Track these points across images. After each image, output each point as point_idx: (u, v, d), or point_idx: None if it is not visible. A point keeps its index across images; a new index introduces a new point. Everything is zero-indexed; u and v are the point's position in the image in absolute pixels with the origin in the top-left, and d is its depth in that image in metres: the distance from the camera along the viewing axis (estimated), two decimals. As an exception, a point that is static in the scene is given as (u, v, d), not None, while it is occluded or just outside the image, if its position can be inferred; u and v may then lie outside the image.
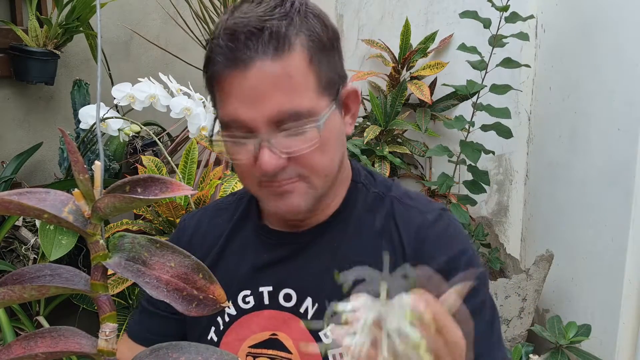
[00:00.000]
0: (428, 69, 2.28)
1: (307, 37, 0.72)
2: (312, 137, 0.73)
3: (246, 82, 0.70)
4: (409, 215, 0.82)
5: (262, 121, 0.71)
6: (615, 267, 1.76)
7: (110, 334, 0.35)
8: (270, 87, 0.70)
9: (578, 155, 1.92)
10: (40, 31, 1.86)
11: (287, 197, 0.76)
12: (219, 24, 0.73)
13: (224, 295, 0.37)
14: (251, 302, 0.84)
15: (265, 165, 0.71)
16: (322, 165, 0.76)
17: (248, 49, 0.69)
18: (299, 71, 0.71)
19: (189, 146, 1.58)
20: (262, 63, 0.69)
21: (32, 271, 0.35)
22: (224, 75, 0.71)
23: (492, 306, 0.82)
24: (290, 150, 0.72)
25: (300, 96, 0.71)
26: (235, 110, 0.71)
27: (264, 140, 0.71)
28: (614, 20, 1.76)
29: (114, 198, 0.33)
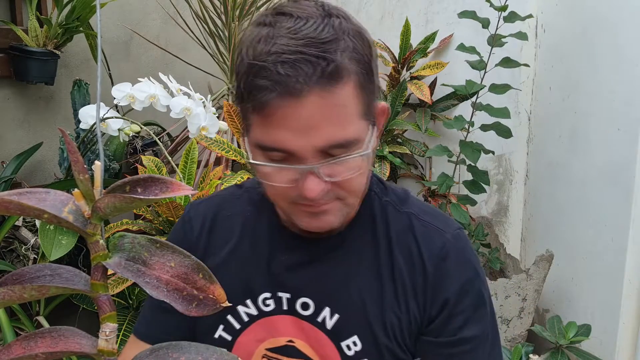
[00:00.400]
0: (428, 69, 2.28)
1: (357, 62, 0.69)
2: (358, 165, 0.72)
3: (299, 113, 0.67)
4: (429, 233, 0.82)
5: (311, 151, 0.69)
6: (615, 267, 1.76)
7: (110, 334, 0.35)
8: (322, 118, 0.68)
9: (578, 155, 1.92)
10: (40, 31, 1.86)
11: (322, 216, 0.75)
12: (260, 42, 0.68)
13: (224, 295, 0.37)
14: (271, 305, 0.83)
15: (310, 192, 0.70)
16: (359, 187, 0.76)
17: (307, 77, 0.65)
18: (349, 100, 0.69)
19: (189, 146, 1.58)
20: (317, 93, 0.66)
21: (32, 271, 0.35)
22: (276, 103, 0.67)
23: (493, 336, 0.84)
24: (335, 177, 0.72)
25: (349, 124, 0.70)
26: (284, 139, 0.69)
27: (312, 168, 0.70)
28: (614, 21, 1.76)
29: (114, 198, 0.33)
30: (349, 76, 0.68)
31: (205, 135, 1.54)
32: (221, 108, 1.88)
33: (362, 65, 0.70)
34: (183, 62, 2.16)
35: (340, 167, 0.71)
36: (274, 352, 0.83)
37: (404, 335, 0.80)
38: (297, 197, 0.73)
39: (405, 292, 0.80)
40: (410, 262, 0.81)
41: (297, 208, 0.75)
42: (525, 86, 2.13)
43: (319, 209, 0.74)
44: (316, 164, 0.70)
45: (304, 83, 0.65)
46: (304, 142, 0.68)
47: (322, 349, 0.81)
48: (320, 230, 0.77)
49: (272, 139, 0.70)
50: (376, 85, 0.75)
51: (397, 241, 0.82)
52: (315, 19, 0.68)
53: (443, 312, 0.80)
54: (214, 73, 2.20)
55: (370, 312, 0.80)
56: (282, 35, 0.67)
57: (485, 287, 0.83)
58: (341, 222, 0.78)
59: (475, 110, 1.94)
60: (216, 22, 2.09)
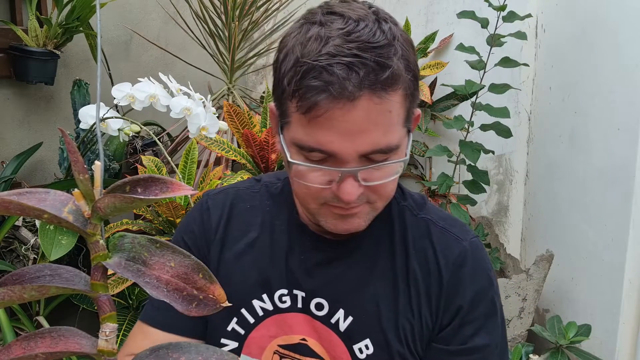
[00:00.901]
0: (428, 69, 2.28)
1: (405, 69, 0.68)
2: (395, 170, 0.73)
3: (349, 117, 0.66)
4: (447, 240, 0.82)
5: (354, 155, 0.69)
6: (615, 267, 1.76)
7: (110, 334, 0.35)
8: (371, 123, 0.67)
9: (578, 155, 1.92)
10: (40, 31, 1.86)
11: (350, 218, 0.75)
12: (310, 41, 0.67)
13: (224, 295, 0.37)
14: (288, 302, 0.83)
15: (348, 196, 0.70)
16: (391, 193, 0.76)
17: (361, 81, 0.64)
18: (397, 106, 0.69)
19: (189, 146, 1.58)
20: (369, 98, 0.65)
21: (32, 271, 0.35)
22: (325, 105, 0.66)
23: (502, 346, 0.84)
24: (372, 181, 0.72)
25: (393, 131, 0.70)
26: (329, 140, 0.68)
27: (352, 172, 0.70)
28: (614, 20, 1.76)
29: (114, 198, 0.33)
30: (401, 84, 0.68)
31: (205, 135, 1.54)
32: (221, 108, 1.88)
33: (411, 73, 0.70)
34: (183, 62, 2.16)
35: (379, 172, 0.71)
36: (286, 349, 0.83)
37: (416, 342, 0.80)
38: (330, 198, 0.73)
39: (419, 298, 0.80)
40: (426, 268, 0.81)
41: (326, 209, 0.75)
42: (525, 86, 2.13)
43: (349, 212, 0.74)
44: (357, 167, 0.69)
45: (357, 87, 0.65)
46: (348, 145, 0.68)
47: (334, 351, 0.81)
48: (347, 232, 0.77)
49: (315, 139, 0.69)
50: (419, 95, 0.75)
51: (413, 246, 0.82)
52: (367, 22, 0.67)
53: (455, 320, 0.80)
54: (214, 73, 2.20)
55: (384, 316, 0.80)
56: (335, 36, 0.66)
57: (498, 296, 0.83)
58: (366, 224, 0.77)
59: (475, 110, 1.94)
60: (216, 22, 2.09)
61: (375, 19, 0.68)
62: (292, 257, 0.83)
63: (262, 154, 1.59)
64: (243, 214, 0.87)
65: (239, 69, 2.16)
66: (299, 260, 0.83)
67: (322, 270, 0.82)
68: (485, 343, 0.80)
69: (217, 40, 2.10)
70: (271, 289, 0.83)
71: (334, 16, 0.68)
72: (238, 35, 2.04)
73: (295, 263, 0.83)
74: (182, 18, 2.10)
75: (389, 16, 0.71)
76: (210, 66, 2.20)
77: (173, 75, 1.62)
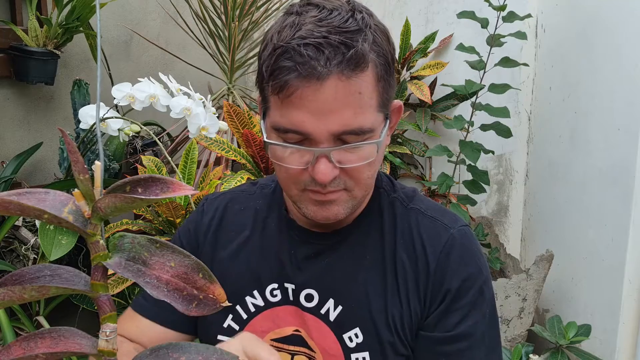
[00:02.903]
0: (428, 69, 2.28)
1: (377, 55, 0.72)
2: (370, 154, 0.74)
3: (320, 95, 0.69)
4: (435, 229, 0.83)
5: (326, 134, 0.71)
6: (615, 267, 1.76)
7: (110, 334, 0.35)
8: (340, 103, 0.70)
9: (578, 155, 1.92)
10: (40, 31, 1.86)
11: (328, 205, 0.77)
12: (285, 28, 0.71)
13: (224, 295, 0.37)
14: (279, 295, 0.85)
15: (321, 175, 0.72)
16: (367, 178, 0.78)
17: (328, 61, 0.68)
18: (369, 89, 0.71)
19: (189, 146, 1.58)
20: (339, 78, 0.69)
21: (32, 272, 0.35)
22: (296, 84, 0.69)
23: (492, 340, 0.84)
24: (345, 163, 0.74)
25: (365, 113, 0.72)
26: (301, 120, 0.71)
27: (325, 151, 0.72)
28: (614, 20, 1.76)
29: (115, 198, 0.33)
30: (369, 66, 0.71)
31: (205, 135, 1.54)
32: (221, 108, 1.88)
33: (383, 58, 0.73)
34: (183, 62, 2.16)
35: (352, 154, 0.74)
36: (279, 342, 0.85)
37: (405, 330, 0.81)
38: (307, 182, 0.75)
39: (407, 287, 0.81)
40: (414, 257, 0.82)
41: (306, 195, 0.77)
42: (526, 86, 2.13)
43: (326, 198, 0.76)
44: (330, 147, 0.72)
45: (325, 66, 0.68)
46: (320, 125, 0.71)
47: (324, 341, 0.82)
48: (327, 221, 0.79)
49: (289, 120, 0.72)
50: (394, 83, 0.78)
51: (402, 236, 0.83)
52: (340, 11, 0.71)
53: (441, 306, 0.81)
54: (214, 73, 2.20)
55: (373, 305, 0.81)
56: (308, 22, 0.70)
57: (488, 286, 0.83)
58: (347, 214, 0.79)
59: (475, 110, 1.94)
60: (216, 22, 2.09)
61: (349, 9, 0.72)
62: (282, 252, 0.86)
63: (262, 154, 1.59)
64: (236, 216, 0.91)
65: (239, 69, 2.16)
66: (289, 254, 0.85)
67: (311, 263, 0.84)
68: (470, 332, 0.80)
69: (217, 40, 2.10)
70: (262, 285, 0.85)
71: (310, 6, 0.73)
72: (238, 35, 2.04)
73: (286, 258, 0.85)
74: (182, 18, 2.10)
75: (365, 9, 0.75)
76: (210, 66, 2.20)
77: (173, 75, 1.62)
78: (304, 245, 0.85)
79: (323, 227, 0.84)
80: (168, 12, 2.19)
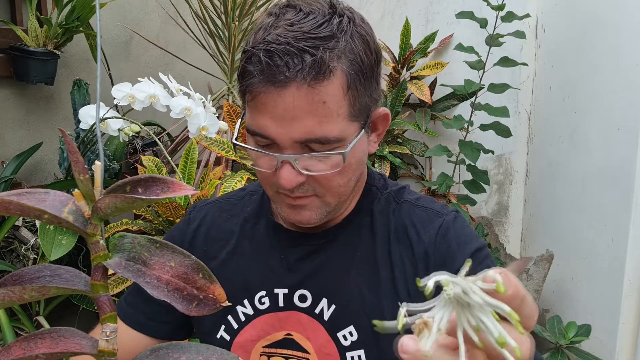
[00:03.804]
0: (428, 69, 2.28)
1: (349, 63, 0.70)
2: (336, 163, 0.73)
3: (280, 102, 0.69)
4: (428, 217, 0.83)
5: (289, 141, 0.71)
6: (615, 267, 1.76)
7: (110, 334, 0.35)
8: (302, 111, 0.69)
9: (578, 155, 1.92)
10: (40, 31, 1.86)
11: (300, 209, 0.77)
12: (260, 30, 0.71)
13: (224, 295, 0.37)
14: (266, 302, 0.84)
15: (284, 181, 0.72)
16: (338, 187, 0.76)
17: (288, 69, 0.67)
18: (334, 99, 0.70)
19: (188, 146, 1.58)
20: (299, 87, 0.68)
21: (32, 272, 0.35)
22: (258, 89, 0.70)
23: None
24: (311, 171, 0.73)
25: (331, 123, 0.70)
26: (265, 125, 0.71)
27: (288, 158, 0.72)
28: (614, 20, 1.76)
29: (115, 198, 0.33)
30: (335, 75, 0.69)
31: (205, 135, 1.54)
32: (221, 108, 1.88)
33: (356, 66, 0.70)
34: (183, 62, 2.16)
35: (320, 162, 0.73)
36: (270, 347, 0.84)
37: None
38: (277, 185, 0.75)
39: (405, 277, 0.80)
40: (409, 247, 0.81)
41: (280, 197, 0.77)
42: (525, 86, 2.13)
43: (295, 202, 0.76)
44: (292, 154, 0.72)
45: (285, 74, 0.67)
46: (282, 131, 0.70)
47: (318, 341, 0.82)
48: (300, 224, 0.79)
49: (256, 123, 0.72)
50: (375, 90, 0.75)
51: (395, 230, 0.83)
52: (317, 15, 0.70)
53: None
54: (214, 73, 2.20)
55: (367, 302, 0.81)
56: (280, 25, 0.69)
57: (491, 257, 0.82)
58: (321, 219, 0.78)
59: (475, 110, 1.94)
60: (216, 22, 2.09)
61: (328, 12, 0.70)
62: (272, 258, 0.85)
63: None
64: (225, 224, 0.90)
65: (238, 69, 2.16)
66: (279, 259, 0.84)
67: (303, 264, 0.84)
68: None
69: (217, 40, 2.10)
70: (251, 293, 0.85)
71: (288, 8, 0.72)
72: (238, 35, 2.04)
73: (276, 263, 0.84)
74: (182, 18, 2.10)
75: (348, 12, 0.72)
76: (210, 66, 2.20)
77: (173, 75, 1.62)
78: (294, 248, 0.84)
79: (311, 228, 0.83)
80: (168, 12, 2.19)
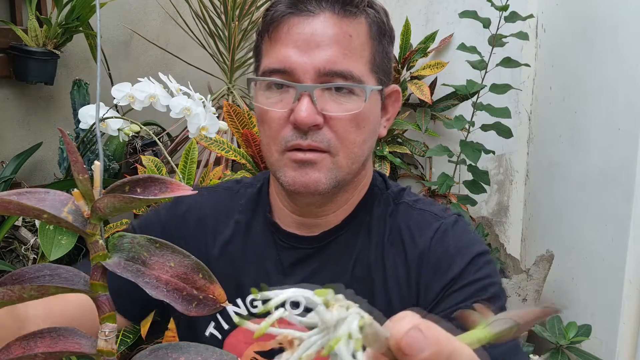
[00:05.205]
0: (428, 68, 2.28)
1: (373, 16, 0.74)
2: (355, 106, 0.72)
3: (307, 28, 0.70)
4: (425, 220, 0.80)
5: (312, 70, 0.70)
6: (616, 267, 1.76)
7: (109, 334, 0.35)
8: (328, 39, 0.70)
9: (578, 155, 1.92)
10: (40, 31, 1.86)
11: (309, 168, 0.72)
12: None
13: (224, 295, 0.37)
14: (259, 306, 0.80)
15: (302, 114, 0.69)
16: (352, 144, 0.73)
17: (320, 3, 0.71)
18: (360, 37, 0.72)
19: (188, 146, 1.58)
20: (328, 17, 0.70)
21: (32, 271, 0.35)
22: (285, 19, 0.71)
23: None
24: (329, 111, 0.71)
25: (355, 60, 0.71)
26: (287, 55, 0.70)
27: (308, 89, 0.70)
28: (614, 20, 1.76)
29: (114, 198, 0.33)
30: (362, 19, 0.73)
31: (205, 135, 1.54)
32: (221, 108, 1.88)
33: (379, 23, 0.74)
34: (183, 62, 2.16)
35: (337, 104, 0.72)
36: (264, 356, 0.81)
37: None
38: (288, 137, 0.72)
39: (398, 284, 0.77)
40: (403, 252, 0.78)
41: (285, 159, 0.73)
42: (526, 86, 2.13)
43: (306, 156, 0.72)
44: (313, 85, 0.71)
45: (317, 6, 0.70)
46: (306, 60, 0.70)
47: None
48: (306, 190, 0.73)
49: (276, 58, 0.72)
50: (391, 65, 0.78)
51: (390, 233, 0.80)
52: None
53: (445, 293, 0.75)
54: (214, 73, 2.20)
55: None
56: None
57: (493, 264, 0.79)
58: (329, 185, 0.73)
59: (476, 110, 1.94)
60: (216, 22, 2.09)
61: None
62: (267, 259, 0.82)
63: (262, 154, 1.59)
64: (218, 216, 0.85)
65: (239, 69, 2.16)
66: (275, 261, 0.81)
67: (298, 269, 0.81)
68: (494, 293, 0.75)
69: (217, 40, 2.10)
70: (244, 294, 0.81)
71: None
72: (238, 35, 2.04)
73: (271, 265, 0.81)
74: (182, 18, 2.10)
75: None
76: (210, 66, 2.20)
77: (173, 75, 1.62)
78: (290, 250, 0.81)
79: (309, 229, 0.80)
80: (168, 12, 2.19)
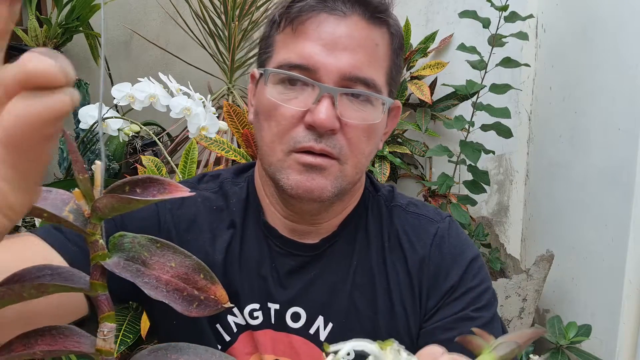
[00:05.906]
0: (428, 68, 2.28)
1: (395, 28, 0.73)
2: (372, 116, 0.70)
3: (337, 29, 0.67)
4: (421, 224, 0.79)
5: (336, 72, 0.67)
6: (616, 267, 1.76)
7: (108, 333, 0.35)
8: (356, 44, 0.68)
9: (578, 155, 1.92)
10: (40, 31, 1.86)
11: (316, 173, 0.69)
12: None
13: (225, 296, 0.37)
14: (260, 317, 0.77)
15: (321, 116, 0.66)
16: (361, 154, 0.71)
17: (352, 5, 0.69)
18: (384, 47, 0.71)
19: (188, 146, 1.58)
20: (358, 21, 0.68)
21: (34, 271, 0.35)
22: (315, 14, 0.68)
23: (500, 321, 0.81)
24: (348, 117, 0.68)
25: (377, 69, 0.70)
26: (312, 52, 0.67)
27: (332, 91, 0.67)
28: (614, 20, 1.76)
29: (112, 198, 0.33)
30: (388, 27, 0.72)
31: (205, 135, 1.54)
32: (221, 108, 1.88)
33: (398, 35, 0.74)
34: (183, 62, 2.16)
35: (356, 112, 0.69)
36: None
37: (402, 336, 0.75)
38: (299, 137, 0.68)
39: (400, 291, 0.76)
40: (403, 257, 0.77)
41: (291, 160, 0.69)
42: (526, 86, 2.13)
43: (316, 160, 0.68)
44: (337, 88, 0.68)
45: (349, 8, 0.68)
46: (331, 60, 0.67)
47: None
48: (310, 196, 0.69)
49: (299, 53, 0.68)
50: (401, 73, 0.77)
51: (388, 238, 0.78)
52: None
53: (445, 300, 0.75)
54: (214, 73, 2.20)
55: (364, 317, 0.76)
56: None
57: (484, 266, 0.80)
58: (333, 194, 0.70)
59: (476, 110, 1.94)
60: (216, 22, 2.09)
61: None
62: (263, 265, 0.77)
63: (259, 152, 1.59)
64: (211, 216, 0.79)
65: (239, 69, 2.16)
66: (271, 268, 0.77)
67: (295, 278, 0.77)
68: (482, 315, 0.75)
69: (217, 40, 2.10)
70: (241, 303, 0.76)
71: None
72: (238, 35, 2.04)
73: (267, 272, 0.77)
74: (182, 18, 2.10)
75: None
76: (210, 66, 2.20)
77: (173, 75, 1.62)
78: (287, 257, 0.77)
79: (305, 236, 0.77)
80: (168, 12, 2.19)
